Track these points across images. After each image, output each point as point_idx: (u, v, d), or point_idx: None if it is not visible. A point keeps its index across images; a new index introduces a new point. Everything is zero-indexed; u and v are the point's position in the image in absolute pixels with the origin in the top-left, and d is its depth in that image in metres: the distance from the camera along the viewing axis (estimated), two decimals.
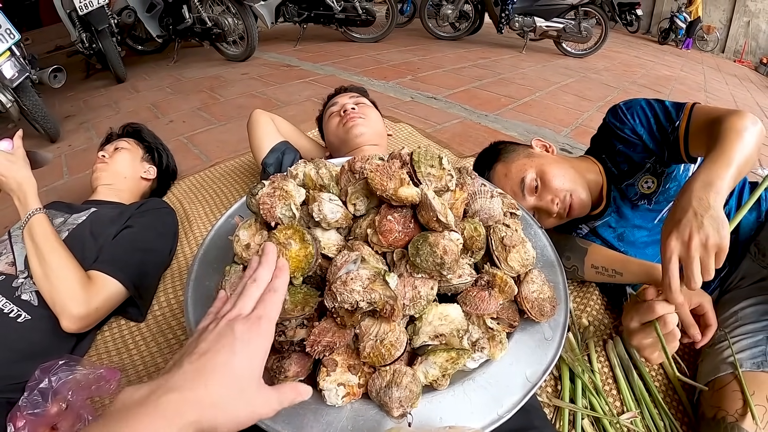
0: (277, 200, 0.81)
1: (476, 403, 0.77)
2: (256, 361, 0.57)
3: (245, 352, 0.56)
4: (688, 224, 0.97)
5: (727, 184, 1.01)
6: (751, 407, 1.07)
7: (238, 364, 0.55)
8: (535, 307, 0.85)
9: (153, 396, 0.49)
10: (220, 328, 0.58)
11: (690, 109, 1.32)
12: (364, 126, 1.68)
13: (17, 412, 1.14)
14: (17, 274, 1.37)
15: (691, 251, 0.95)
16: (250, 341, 0.57)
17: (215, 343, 0.56)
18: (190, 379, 0.52)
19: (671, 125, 1.35)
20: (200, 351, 0.55)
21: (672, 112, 1.36)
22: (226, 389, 0.53)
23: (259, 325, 0.59)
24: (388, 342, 0.72)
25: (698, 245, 0.95)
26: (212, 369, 0.53)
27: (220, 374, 0.53)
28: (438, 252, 0.76)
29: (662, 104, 1.39)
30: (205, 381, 0.52)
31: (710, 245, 0.95)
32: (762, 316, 1.30)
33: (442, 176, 0.85)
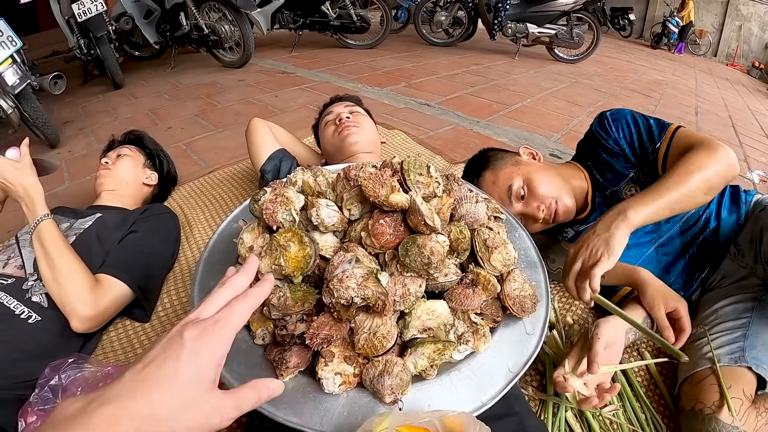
0: (279, 206, 0.88)
1: (462, 391, 0.83)
2: (207, 369, 0.52)
3: (193, 360, 0.51)
4: (587, 239, 1.16)
5: (640, 218, 1.14)
6: (727, 400, 1.13)
7: (183, 374, 0.50)
8: (517, 304, 0.92)
9: (87, 408, 0.46)
10: (170, 335, 0.53)
11: (672, 133, 1.39)
12: (359, 134, 1.74)
13: (28, 408, 1.18)
14: (27, 276, 1.42)
15: (577, 255, 1.15)
16: (199, 348, 0.52)
17: (162, 351, 0.51)
18: (128, 390, 0.48)
19: (652, 146, 1.42)
20: (146, 360, 0.51)
21: (655, 132, 1.42)
22: (169, 401, 0.48)
23: (213, 330, 0.53)
24: (380, 334, 0.79)
25: (584, 254, 1.14)
26: (155, 380, 0.49)
27: (162, 385, 0.49)
28: (426, 253, 0.83)
29: (647, 121, 1.45)
30: (144, 392, 0.48)
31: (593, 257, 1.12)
32: (741, 313, 1.36)
33: (430, 183, 0.92)
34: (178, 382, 0.49)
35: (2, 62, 2.78)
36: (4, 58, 2.78)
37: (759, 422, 1.14)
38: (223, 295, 0.60)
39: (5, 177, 1.41)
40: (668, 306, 1.29)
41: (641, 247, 1.57)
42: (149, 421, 0.47)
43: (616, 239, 1.11)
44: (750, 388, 1.19)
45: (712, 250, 1.53)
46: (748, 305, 1.38)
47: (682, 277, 1.56)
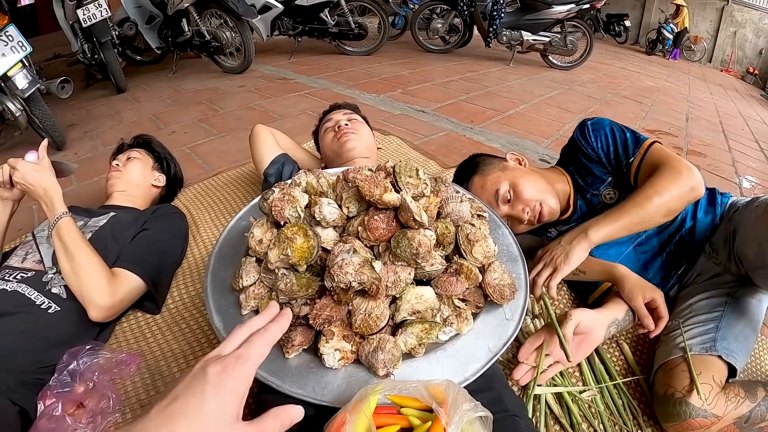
0: (286, 204, 1.00)
1: (446, 368, 0.95)
2: (231, 403, 0.53)
3: (217, 395, 0.52)
4: (552, 246, 1.40)
5: (599, 237, 1.36)
6: (696, 384, 1.22)
7: (208, 410, 0.51)
8: (497, 292, 1.04)
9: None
10: (194, 371, 0.55)
11: (646, 149, 1.50)
12: (356, 141, 1.83)
13: (47, 391, 1.27)
14: (46, 270, 1.50)
15: (541, 260, 1.40)
16: (222, 383, 0.53)
17: (186, 389, 0.53)
18: (154, 425, 0.50)
19: (626, 159, 1.54)
20: (171, 396, 0.52)
21: (630, 146, 1.53)
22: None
23: (234, 366, 0.55)
24: (374, 315, 0.91)
25: (547, 259, 1.38)
26: (180, 414, 0.50)
27: (187, 419, 0.50)
28: (414, 245, 0.95)
29: (624, 134, 1.56)
30: (171, 427, 0.49)
31: (553, 262, 1.36)
32: (714, 308, 1.45)
33: (419, 185, 1.04)
34: (203, 416, 0.51)
35: (13, 66, 2.84)
36: (14, 63, 2.84)
37: (729, 407, 1.21)
38: (241, 333, 0.63)
39: (26, 179, 1.50)
40: (646, 297, 1.38)
41: (620, 245, 1.66)
42: None
43: (575, 252, 1.34)
44: (720, 375, 1.28)
45: (688, 248, 1.62)
46: (722, 300, 1.47)
47: (660, 273, 1.65)
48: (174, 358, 1.49)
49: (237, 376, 0.55)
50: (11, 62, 2.83)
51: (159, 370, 1.45)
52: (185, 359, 1.48)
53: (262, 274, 1.03)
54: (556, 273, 1.34)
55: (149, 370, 1.44)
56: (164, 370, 1.45)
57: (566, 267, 1.33)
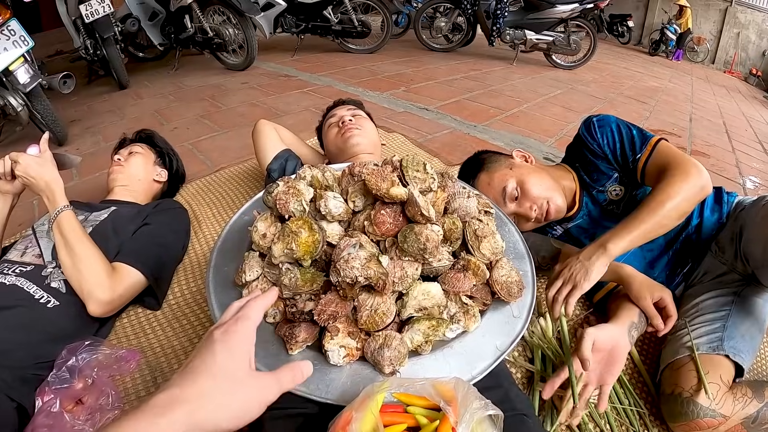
0: (291, 197, 0.98)
1: (453, 366, 0.93)
2: (240, 355, 0.60)
3: (225, 349, 0.59)
4: (570, 263, 1.34)
5: (618, 250, 1.31)
6: (704, 384, 1.21)
7: (221, 360, 0.58)
8: (504, 289, 1.02)
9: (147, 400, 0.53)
10: (202, 341, 0.62)
11: (653, 146, 1.48)
12: (361, 136, 1.82)
13: (45, 388, 1.25)
14: (45, 264, 1.49)
15: (559, 276, 1.34)
16: (228, 340, 0.60)
17: (198, 351, 0.59)
18: (178, 380, 0.55)
19: (633, 156, 1.52)
20: (186, 362, 0.59)
21: (637, 143, 1.52)
22: (216, 383, 0.56)
23: (235, 325, 0.62)
24: (380, 311, 0.89)
25: (566, 275, 1.33)
26: (197, 368, 0.57)
27: (206, 371, 0.56)
28: (422, 240, 0.92)
29: (630, 131, 1.54)
30: (193, 379, 0.55)
31: (572, 279, 1.31)
32: (721, 306, 1.44)
33: (426, 179, 1.02)
34: (218, 366, 0.57)
35: (15, 61, 2.84)
36: (16, 57, 2.84)
37: (736, 407, 1.21)
38: (237, 304, 0.70)
39: (28, 172, 1.48)
40: (654, 296, 1.37)
41: None
42: (200, 401, 0.54)
43: (595, 268, 1.29)
44: (727, 375, 1.27)
45: (694, 246, 1.61)
46: (728, 299, 1.46)
47: (665, 272, 1.63)
48: (174, 354, 1.47)
49: (239, 332, 0.62)
50: (13, 57, 2.83)
51: (159, 367, 1.43)
52: (185, 355, 1.46)
53: (265, 269, 1.01)
54: (575, 290, 1.29)
55: (149, 367, 1.43)
56: (164, 366, 1.43)
57: (586, 283, 1.28)
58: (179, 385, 0.55)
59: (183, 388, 0.54)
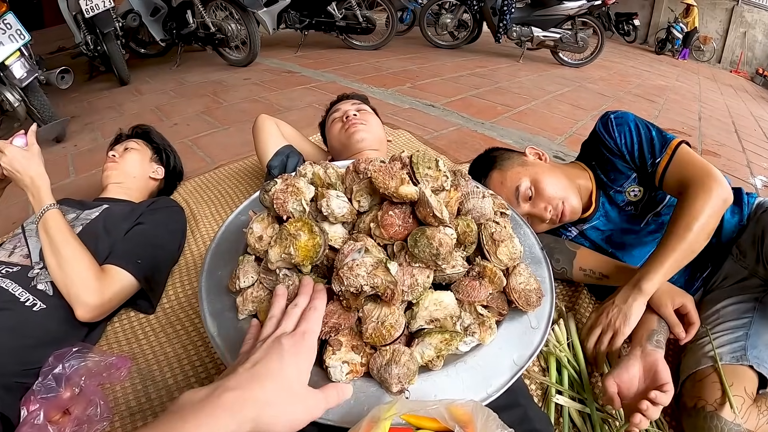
0: (289, 196, 0.89)
1: (468, 382, 0.84)
2: (304, 369, 0.64)
3: (293, 361, 0.63)
4: (606, 309, 1.32)
5: (654, 286, 1.28)
6: (729, 397, 1.14)
7: (287, 371, 0.61)
8: (522, 298, 0.93)
9: (214, 395, 0.54)
10: (268, 343, 0.65)
11: (673, 150, 1.42)
12: (366, 132, 1.75)
13: (31, 397, 1.19)
14: (32, 265, 1.43)
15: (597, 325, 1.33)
16: (297, 353, 0.64)
17: (266, 354, 0.62)
18: (246, 381, 0.58)
19: (652, 159, 1.45)
20: (253, 360, 0.61)
21: (657, 146, 1.45)
22: (280, 392, 0.59)
23: (303, 339, 0.66)
24: (388, 324, 0.80)
25: (603, 322, 1.31)
26: (265, 374, 0.59)
27: (273, 378, 0.59)
28: (434, 244, 0.83)
29: (649, 132, 1.47)
30: (261, 383, 0.58)
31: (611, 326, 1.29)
32: (743, 313, 1.37)
33: (438, 177, 0.93)
34: (284, 376, 0.61)
35: (10, 55, 2.80)
36: (12, 51, 2.81)
37: (761, 420, 1.14)
38: (296, 313, 0.73)
39: (13, 165, 1.42)
40: (675, 303, 1.32)
41: (644, 246, 1.58)
42: (265, 407, 0.56)
43: (633, 311, 1.26)
44: (752, 386, 1.20)
45: (714, 250, 1.54)
46: (750, 305, 1.39)
47: (684, 276, 1.56)
48: (167, 362, 1.40)
49: (308, 347, 0.67)
50: (9, 51, 2.82)
51: (151, 375, 1.36)
52: (179, 363, 1.39)
53: (261, 275, 0.92)
54: (616, 336, 1.27)
55: (140, 375, 1.36)
56: (156, 375, 1.36)
57: (626, 328, 1.26)
58: (245, 388, 0.57)
59: (251, 391, 0.57)
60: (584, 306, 1.58)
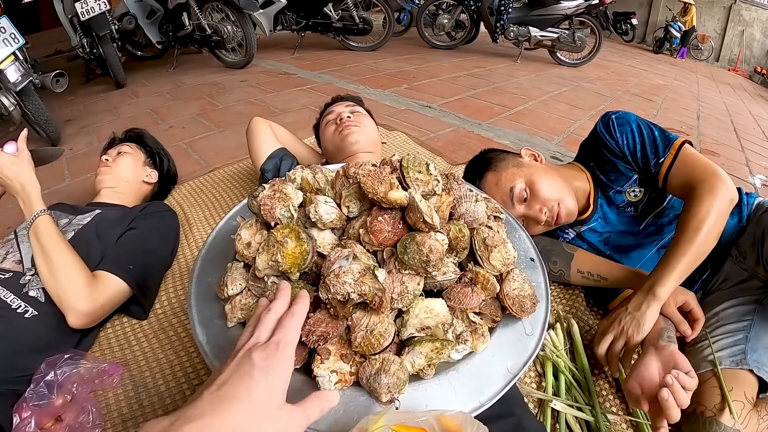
0: (277, 202, 0.87)
1: (460, 391, 0.82)
2: (277, 385, 0.58)
3: (265, 379, 0.56)
4: (619, 317, 1.28)
5: (668, 291, 1.24)
6: (728, 402, 1.13)
7: (258, 391, 0.55)
8: (516, 304, 0.91)
9: (172, 428, 0.49)
10: (238, 359, 0.59)
11: (677, 150, 1.40)
12: (359, 134, 1.74)
13: (23, 404, 1.18)
14: (24, 271, 1.42)
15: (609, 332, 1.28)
16: (269, 368, 0.57)
17: (234, 373, 0.56)
18: (209, 408, 0.52)
19: (656, 159, 1.43)
20: (220, 381, 0.56)
21: (660, 146, 1.43)
22: (249, 416, 0.53)
23: (276, 350, 0.60)
24: (377, 332, 0.79)
25: (616, 329, 1.27)
26: (232, 397, 0.54)
27: (240, 401, 0.54)
28: (424, 251, 0.82)
29: (652, 133, 1.45)
30: (225, 408, 0.53)
31: (624, 333, 1.25)
32: (742, 316, 1.36)
33: (429, 181, 0.91)
34: (255, 398, 0.55)
35: (5, 59, 2.79)
36: (6, 55, 2.80)
37: (761, 425, 1.14)
38: (270, 319, 0.67)
39: (3, 172, 1.41)
40: (677, 301, 1.32)
41: (642, 248, 1.57)
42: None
43: (646, 318, 1.23)
44: (751, 390, 1.19)
45: (713, 252, 1.53)
46: (750, 308, 1.38)
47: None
48: (160, 369, 1.38)
49: (282, 361, 0.60)
50: (3, 55, 2.82)
51: (144, 382, 1.35)
52: (171, 371, 1.37)
53: (250, 282, 0.91)
54: (629, 343, 1.24)
55: (133, 382, 1.34)
56: (149, 382, 1.35)
57: (639, 336, 1.22)
58: (208, 415, 0.52)
59: (214, 419, 0.52)
60: (582, 309, 1.57)
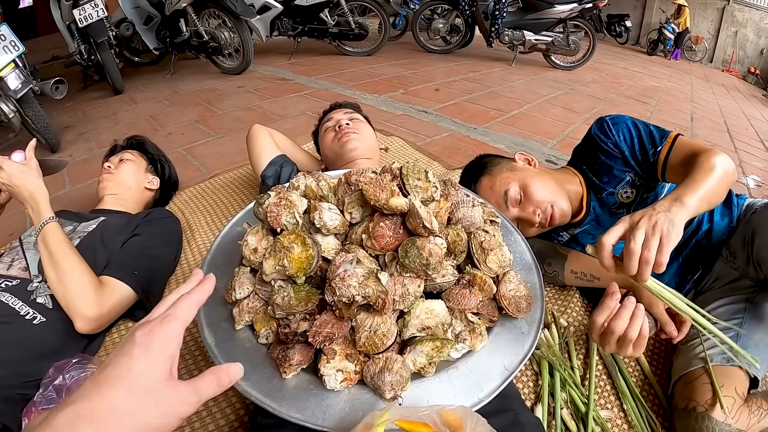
0: (283, 209, 0.91)
1: (459, 388, 0.86)
2: (160, 362, 0.54)
3: (145, 354, 0.53)
4: (645, 212, 1.03)
5: (694, 205, 1.07)
6: (719, 398, 1.17)
7: (136, 368, 0.52)
8: (512, 304, 0.95)
9: (48, 418, 0.48)
10: (125, 339, 0.56)
11: (673, 140, 1.42)
12: (358, 141, 1.76)
13: (32, 408, 1.19)
14: (31, 278, 1.44)
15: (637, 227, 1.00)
16: (149, 343, 0.54)
17: (115, 355, 0.54)
18: (86, 392, 0.50)
19: (654, 149, 1.45)
20: (103, 365, 0.53)
21: (656, 137, 1.45)
22: (124, 395, 0.50)
23: (161, 326, 0.56)
24: (380, 332, 0.83)
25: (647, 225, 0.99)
26: (112, 378, 0.51)
27: (116, 381, 0.51)
28: (424, 254, 0.86)
29: (647, 127, 1.48)
30: (100, 391, 0.50)
31: (657, 228, 0.98)
32: (733, 314, 1.39)
33: (428, 188, 0.96)
34: (132, 375, 0.51)
35: (5, 67, 2.80)
36: (6, 63, 2.80)
37: (752, 420, 1.17)
38: (169, 300, 0.64)
39: (11, 180, 1.43)
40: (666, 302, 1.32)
41: None
42: (109, 416, 0.49)
43: (679, 219, 1.03)
44: (742, 387, 1.23)
45: (704, 252, 1.56)
46: (741, 306, 1.41)
47: (675, 278, 1.59)
48: None
49: (164, 335, 0.55)
50: (3, 62, 2.81)
51: None
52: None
53: (257, 286, 0.95)
54: (664, 243, 0.98)
55: None
56: None
57: (674, 236, 0.98)
58: (86, 398, 0.49)
59: (88, 402, 0.49)
60: (576, 309, 1.61)
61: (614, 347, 1.10)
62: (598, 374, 1.41)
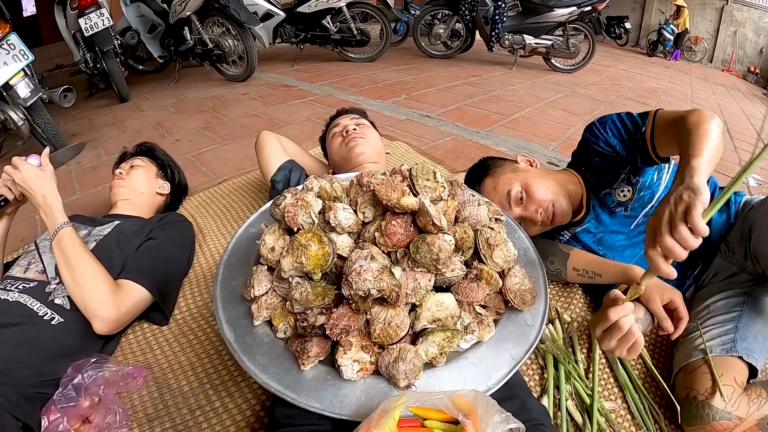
0: (299, 209, 0.96)
1: (469, 377, 0.91)
2: None
3: None
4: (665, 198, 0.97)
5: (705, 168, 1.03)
6: (719, 386, 1.21)
7: None
8: (518, 297, 1.00)
9: None
10: None
11: (654, 115, 1.45)
12: (365, 145, 1.81)
13: (51, 407, 1.23)
14: (49, 280, 1.47)
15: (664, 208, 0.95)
16: None
17: None
18: None
19: (638, 132, 1.48)
20: None
21: (638, 120, 1.49)
22: None
23: None
24: (394, 324, 0.87)
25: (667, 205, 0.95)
26: None
27: None
28: (434, 250, 0.91)
29: (630, 115, 1.52)
30: None
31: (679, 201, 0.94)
32: (732, 307, 1.43)
33: (437, 188, 1.00)
34: None
35: (15, 75, 2.84)
36: (16, 72, 2.84)
37: (751, 408, 1.21)
38: None
39: (27, 183, 1.47)
40: (664, 298, 1.35)
41: (635, 246, 1.65)
42: None
43: (698, 181, 0.97)
44: (741, 376, 1.27)
45: (703, 248, 1.58)
46: (739, 299, 1.45)
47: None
48: (182, 370, 1.45)
49: None
50: (13, 71, 2.84)
51: (167, 383, 1.41)
52: (193, 371, 1.44)
53: (274, 283, 0.99)
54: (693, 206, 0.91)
55: (156, 383, 1.41)
56: (172, 382, 1.41)
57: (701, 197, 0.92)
58: None
59: None
60: (578, 305, 1.65)
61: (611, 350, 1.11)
62: (602, 367, 1.44)
